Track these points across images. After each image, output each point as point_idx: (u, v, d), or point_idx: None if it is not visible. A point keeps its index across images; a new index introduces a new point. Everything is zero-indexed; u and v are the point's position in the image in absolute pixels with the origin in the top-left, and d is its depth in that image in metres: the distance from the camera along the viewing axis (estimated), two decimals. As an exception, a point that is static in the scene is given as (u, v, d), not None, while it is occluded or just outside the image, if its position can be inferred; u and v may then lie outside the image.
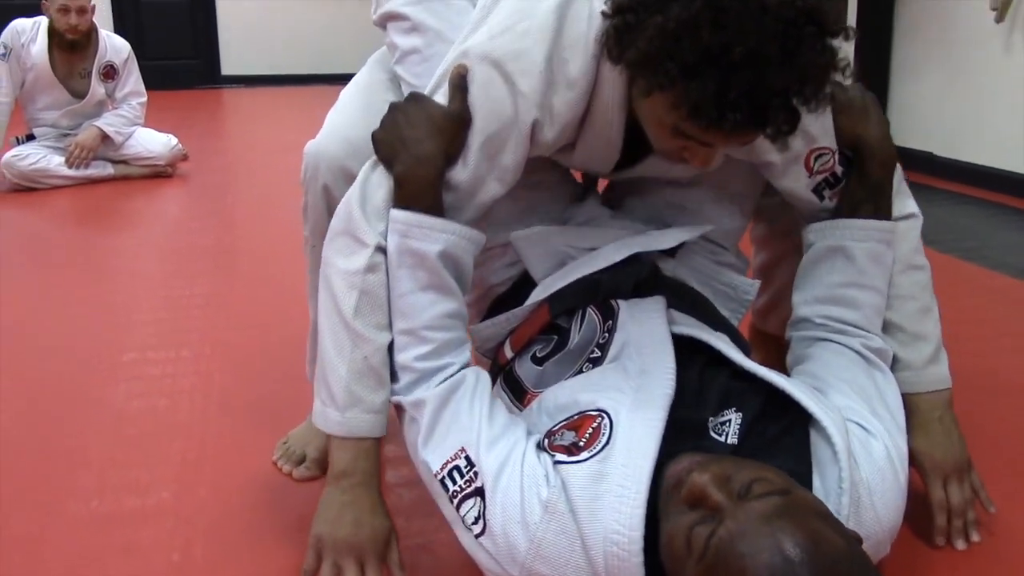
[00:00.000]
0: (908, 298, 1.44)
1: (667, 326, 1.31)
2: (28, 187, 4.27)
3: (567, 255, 1.47)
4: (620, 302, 1.36)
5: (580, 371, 1.32)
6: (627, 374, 1.24)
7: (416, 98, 1.32)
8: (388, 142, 1.30)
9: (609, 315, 1.35)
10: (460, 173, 1.30)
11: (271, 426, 1.83)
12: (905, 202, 1.47)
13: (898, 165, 1.46)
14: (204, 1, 9.20)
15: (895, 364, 1.42)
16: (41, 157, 4.31)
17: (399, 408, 1.29)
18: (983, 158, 4.26)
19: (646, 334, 1.29)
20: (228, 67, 9.36)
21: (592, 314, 1.38)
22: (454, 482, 1.17)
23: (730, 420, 1.19)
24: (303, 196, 1.57)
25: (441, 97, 1.30)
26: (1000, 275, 2.93)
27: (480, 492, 1.14)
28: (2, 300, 2.72)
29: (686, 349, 1.27)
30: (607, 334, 1.33)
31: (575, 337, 1.38)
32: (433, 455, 1.20)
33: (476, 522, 1.14)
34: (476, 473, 1.15)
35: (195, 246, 3.37)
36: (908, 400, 1.38)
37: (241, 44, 9.31)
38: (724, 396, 1.22)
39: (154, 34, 8.96)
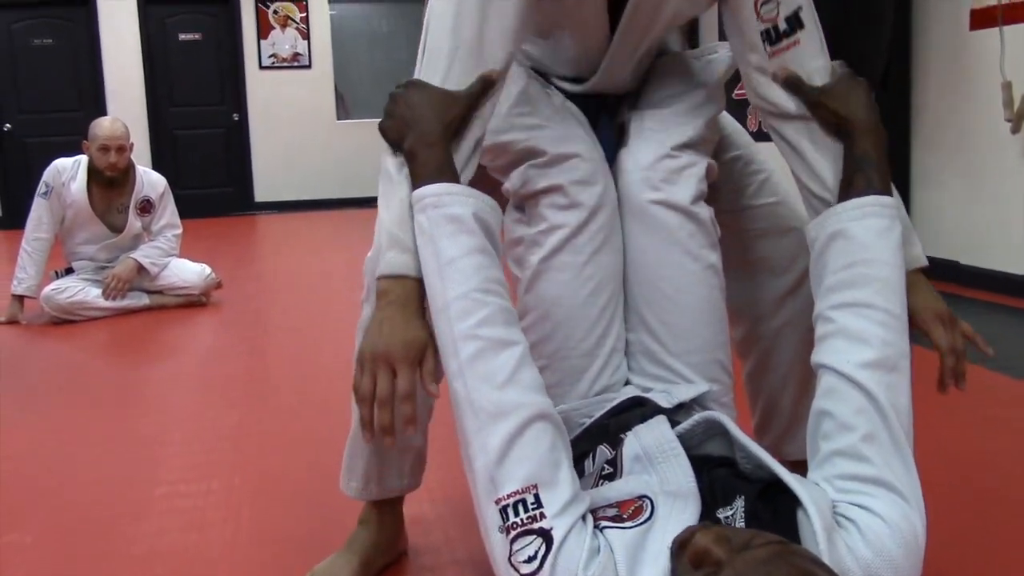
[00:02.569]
0: None
1: (672, 433, 1.33)
2: (66, 319, 4.37)
3: (582, 425, 1.50)
4: (626, 433, 1.39)
5: (596, 487, 1.34)
6: (649, 484, 1.26)
7: (414, 83, 1.38)
8: (393, 127, 1.37)
9: (617, 444, 1.38)
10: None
11: (301, 560, 1.83)
12: None
13: None
14: (238, 132, 9.53)
15: None
16: (79, 290, 4.43)
17: (457, 401, 1.23)
18: (1008, 265, 4.27)
19: (653, 444, 1.31)
20: (261, 194, 9.62)
21: (603, 448, 1.41)
22: (516, 514, 1.15)
23: (736, 509, 1.21)
24: (362, 310, 1.63)
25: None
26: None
27: (544, 534, 1.13)
28: (37, 434, 2.77)
29: (691, 458, 1.29)
30: (613, 452, 1.36)
31: (588, 469, 1.41)
32: (505, 478, 1.16)
33: (530, 561, 1.12)
34: (541, 514, 1.14)
35: (226, 376, 3.43)
36: None
37: (273, 171, 9.59)
38: (730, 491, 1.25)
39: (189, 164, 9.28)
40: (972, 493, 2.05)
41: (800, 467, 1.83)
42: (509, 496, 1.16)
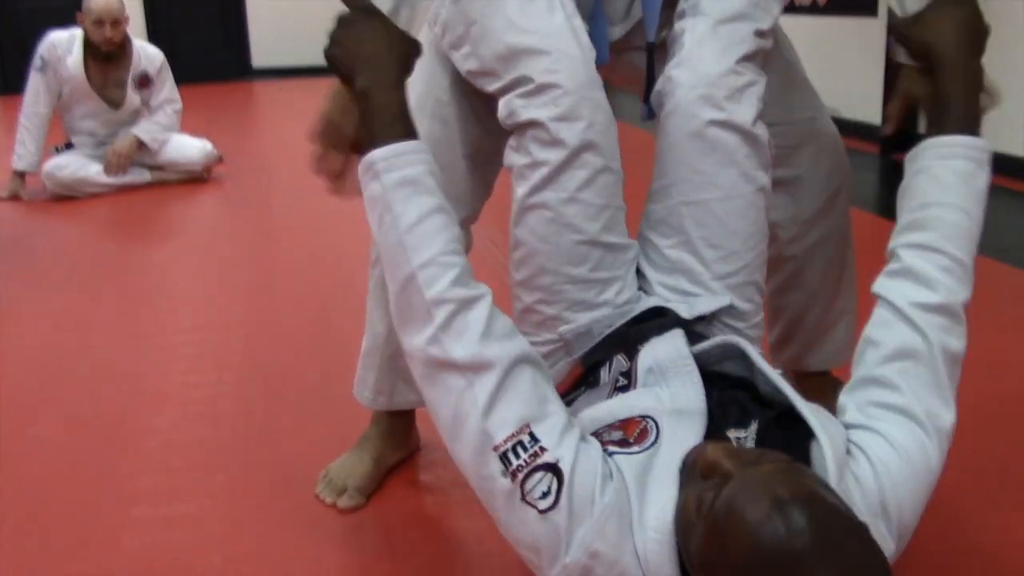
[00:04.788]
0: None
1: (687, 348, 1.33)
2: (68, 196, 4.36)
3: (602, 334, 1.48)
4: (643, 344, 1.39)
5: (610, 398, 1.35)
6: (659, 399, 1.27)
7: (365, 9, 1.33)
8: (342, 59, 1.32)
9: (633, 355, 1.39)
10: None
11: (314, 453, 1.89)
12: None
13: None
14: (234, -5, 9.28)
15: None
16: (80, 167, 4.40)
17: (435, 364, 1.21)
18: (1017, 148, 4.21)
19: (666, 357, 1.32)
20: (258, 60, 9.43)
21: (619, 358, 1.41)
22: (518, 456, 1.15)
23: (749, 434, 1.22)
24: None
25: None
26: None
27: (552, 468, 1.14)
28: (47, 322, 2.80)
29: (705, 375, 1.30)
30: (629, 363, 1.37)
31: (604, 378, 1.42)
32: (498, 425, 1.16)
33: (545, 497, 1.13)
34: (541, 448, 1.15)
35: (234, 259, 3.44)
36: None
37: (271, 37, 9.37)
38: (743, 412, 1.26)
39: (185, 29, 9.05)
40: (977, 393, 2.09)
41: (820, 378, 1.86)
42: (506, 441, 1.16)
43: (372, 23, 1.32)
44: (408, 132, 1.29)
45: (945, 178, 1.32)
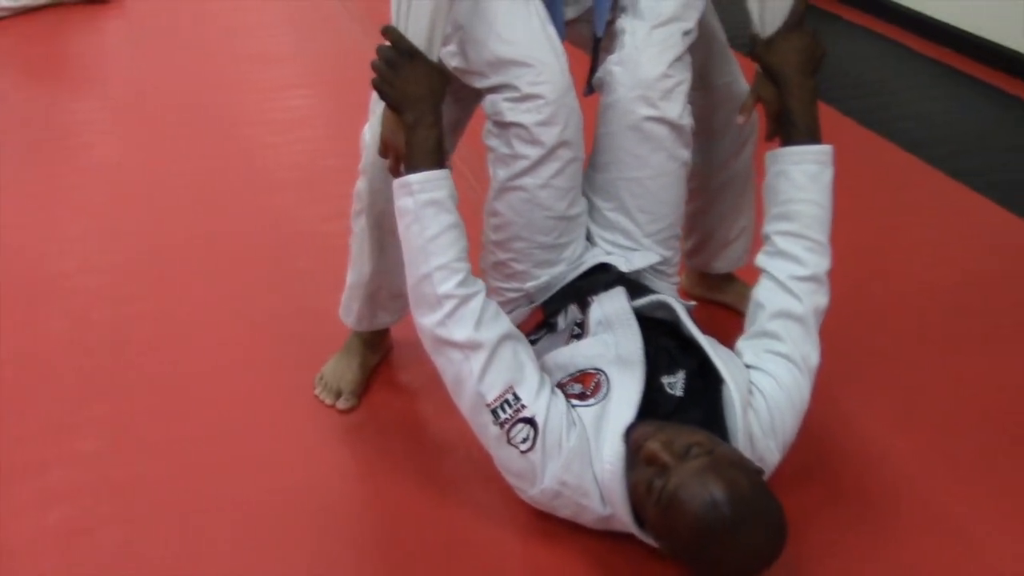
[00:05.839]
0: None
1: (629, 305, 1.72)
2: (-34, 23, 4.26)
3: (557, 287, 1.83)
4: (593, 297, 1.77)
5: (567, 344, 1.75)
6: (606, 346, 1.68)
7: (411, 55, 1.60)
8: (394, 96, 1.61)
9: (585, 306, 1.78)
10: None
11: (305, 348, 2.18)
12: None
13: None
14: None
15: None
16: (-26, -9, 4.28)
17: (441, 342, 1.58)
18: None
19: (613, 312, 1.71)
20: None
21: (573, 308, 1.81)
22: (504, 412, 1.57)
23: (678, 380, 1.65)
24: (359, 180, 1.93)
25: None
26: (894, 147, 3.10)
27: (530, 421, 1.56)
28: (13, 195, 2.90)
29: (644, 321, 1.70)
30: (582, 316, 1.77)
31: (561, 325, 1.82)
32: (489, 389, 1.57)
33: (525, 441, 1.57)
34: (522, 405, 1.57)
35: (165, 111, 3.50)
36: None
37: None
38: (672, 359, 1.68)
39: None
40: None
41: (722, 277, 2.30)
42: (495, 400, 1.58)
43: (416, 67, 1.59)
44: (439, 162, 1.61)
45: (799, 179, 1.73)
